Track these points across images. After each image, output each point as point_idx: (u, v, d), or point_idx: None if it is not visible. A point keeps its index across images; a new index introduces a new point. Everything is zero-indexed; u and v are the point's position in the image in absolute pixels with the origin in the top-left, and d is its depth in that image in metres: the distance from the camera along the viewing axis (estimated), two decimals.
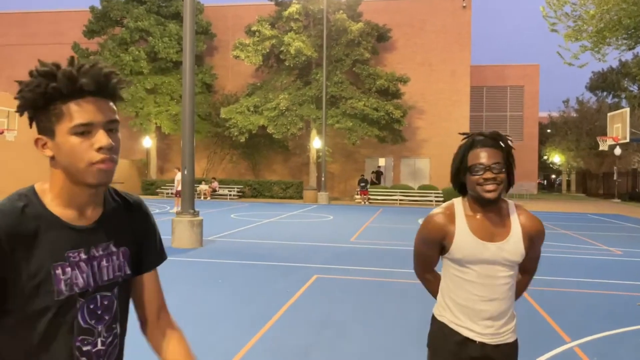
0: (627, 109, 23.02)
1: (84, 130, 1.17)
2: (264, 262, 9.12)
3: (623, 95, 50.04)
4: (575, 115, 47.49)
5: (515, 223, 2.05)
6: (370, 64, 31.47)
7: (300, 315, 5.84)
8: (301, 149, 33.57)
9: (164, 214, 18.60)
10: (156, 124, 32.33)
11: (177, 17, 31.71)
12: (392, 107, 29.39)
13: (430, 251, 2.15)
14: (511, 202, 2.10)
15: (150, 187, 32.23)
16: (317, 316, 5.81)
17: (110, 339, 1.30)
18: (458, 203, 2.10)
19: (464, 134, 2.10)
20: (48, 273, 1.17)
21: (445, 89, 33.71)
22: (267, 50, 30.15)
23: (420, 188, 29.98)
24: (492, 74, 44.56)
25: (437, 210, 2.11)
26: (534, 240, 2.07)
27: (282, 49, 29.32)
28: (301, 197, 29.91)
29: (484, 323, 2.04)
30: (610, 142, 23.94)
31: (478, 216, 2.04)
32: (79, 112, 1.17)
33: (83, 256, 1.23)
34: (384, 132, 29.74)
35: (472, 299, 2.04)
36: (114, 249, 1.31)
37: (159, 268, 1.49)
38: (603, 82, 52.71)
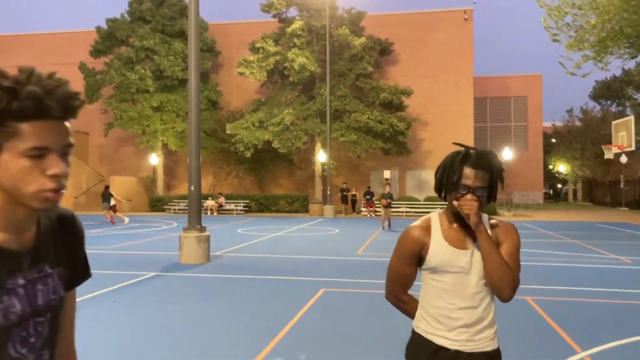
0: (632, 117, 23.05)
1: (39, 154, 1.07)
2: (271, 277, 9.15)
3: (627, 104, 49.96)
4: (579, 124, 47.49)
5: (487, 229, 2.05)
6: (374, 78, 31.65)
7: (308, 328, 5.86)
8: (306, 163, 33.67)
9: (171, 229, 18.67)
10: (163, 141, 32.55)
11: (182, 35, 32.05)
12: (396, 119, 29.51)
13: (408, 268, 2.13)
14: (484, 215, 2.10)
15: (158, 204, 32.34)
16: (325, 329, 5.83)
17: None
18: (435, 216, 2.12)
19: (458, 144, 2.11)
20: None
21: (449, 100, 33.82)
22: (271, 67, 30.40)
23: (426, 200, 29.97)
24: (495, 85, 44.68)
25: (414, 224, 2.13)
26: (502, 238, 2.05)
27: (286, 64, 29.55)
28: (307, 211, 29.94)
29: (457, 330, 2.04)
30: (615, 150, 23.92)
31: (454, 226, 2.07)
32: (36, 134, 1.07)
33: (20, 281, 1.14)
34: (388, 144, 29.83)
35: (446, 308, 2.04)
36: (49, 271, 1.22)
37: (168, 286, 1.47)
38: (607, 91, 52.67)
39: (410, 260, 2.12)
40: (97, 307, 6.78)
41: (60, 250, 1.27)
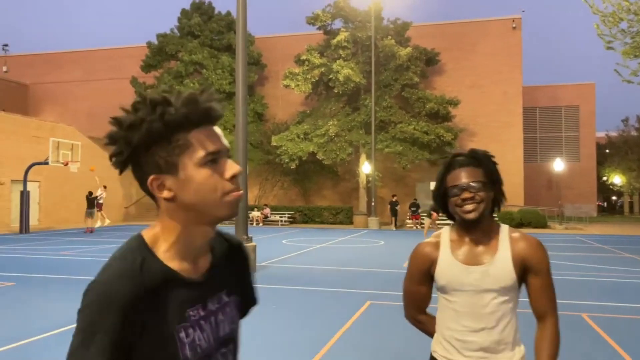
0: None
1: (213, 159, 1.04)
2: (316, 288, 9.13)
3: None
4: (635, 134, 45.67)
5: (504, 245, 1.89)
6: (420, 88, 31.39)
7: (355, 341, 5.80)
8: (350, 174, 33.62)
9: None
10: None
11: (229, 49, 32.72)
12: (443, 130, 29.13)
13: (420, 287, 2.03)
14: (504, 226, 1.96)
15: None
16: (372, 343, 5.76)
17: None
18: (446, 230, 2.00)
19: (442, 157, 1.98)
20: (172, 338, 1.03)
21: (497, 110, 33.17)
22: (316, 78, 30.59)
23: None
24: (545, 95, 43.56)
25: (426, 240, 2.02)
26: (530, 263, 1.87)
27: (330, 76, 29.69)
28: (351, 223, 29.83)
29: (474, 355, 1.88)
30: None
31: (464, 240, 1.93)
32: (207, 140, 1.05)
33: (202, 313, 1.10)
34: (435, 155, 29.45)
35: (460, 330, 1.90)
36: (226, 299, 1.18)
37: None
38: None
39: (422, 279, 2.01)
40: None
41: (233, 277, 1.23)
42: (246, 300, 1.31)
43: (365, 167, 30.09)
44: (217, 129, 1.08)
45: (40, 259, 12.95)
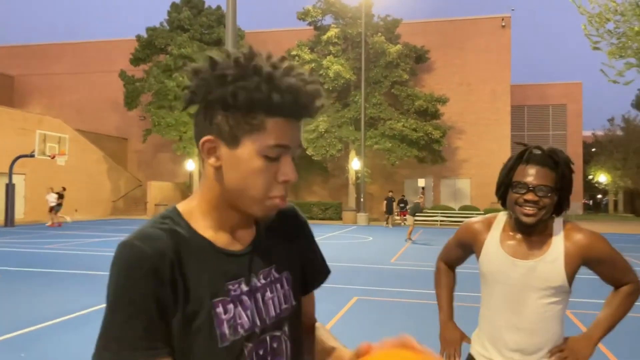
0: None
1: (277, 155, 0.94)
2: None
3: None
4: (621, 133, 46.17)
5: (558, 242, 1.78)
6: (409, 85, 31.52)
7: (342, 337, 5.83)
8: (340, 170, 33.69)
9: None
10: None
11: (219, 43, 32.58)
12: (431, 127, 29.32)
13: (455, 249, 2.06)
14: (559, 219, 1.83)
15: None
16: (359, 338, 5.81)
17: None
18: (502, 215, 1.90)
19: (520, 143, 1.85)
20: (208, 313, 0.93)
21: (485, 108, 33.38)
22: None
23: (461, 209, 29.58)
24: (533, 93, 43.88)
25: (478, 217, 1.98)
26: (592, 258, 1.79)
27: (321, 72, 29.70)
28: (340, 218, 29.92)
29: (512, 355, 1.78)
30: None
31: (516, 235, 1.82)
32: (280, 131, 0.93)
33: (244, 288, 0.99)
34: (423, 152, 29.62)
35: (498, 326, 1.80)
36: (276, 275, 1.06)
37: None
38: None
39: (459, 244, 2.04)
40: None
41: (285, 251, 1.10)
42: (311, 272, 1.17)
43: (355, 164, 30.17)
44: (299, 123, 0.98)
45: (25, 253, 12.87)
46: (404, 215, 28.12)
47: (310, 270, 1.17)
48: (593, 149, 50.56)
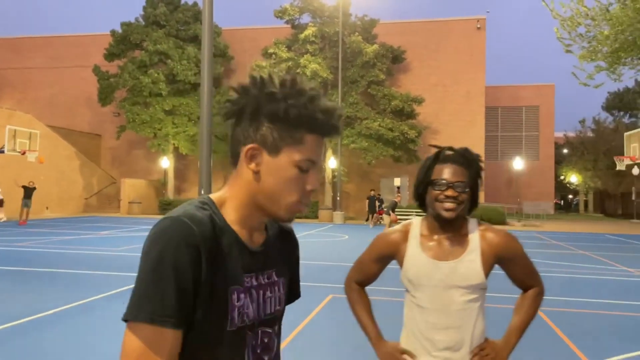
0: None
1: (308, 167, 1.08)
2: None
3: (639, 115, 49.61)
4: (591, 135, 47.19)
5: (474, 242, 1.88)
6: (385, 85, 31.71)
7: (317, 334, 5.89)
8: None
9: None
10: (174, 144, 32.76)
11: (195, 40, 32.32)
12: (407, 127, 29.57)
13: (372, 264, 2.05)
14: (473, 220, 1.94)
15: (168, 207, 32.50)
16: (333, 335, 5.86)
17: None
18: (416, 222, 1.99)
19: (434, 145, 1.99)
20: (226, 296, 1.05)
21: (460, 109, 33.79)
22: (284, 72, 30.47)
23: None
24: (506, 95, 44.55)
25: (394, 227, 2.01)
26: (505, 257, 1.90)
27: (298, 70, 29.69)
28: (316, 217, 29.97)
29: (441, 354, 1.85)
30: (627, 161, 23.74)
31: (434, 235, 1.91)
32: (314, 147, 1.09)
33: (254, 282, 1.11)
34: (399, 152, 29.86)
35: (427, 328, 1.87)
36: (276, 279, 1.18)
37: None
38: (619, 102, 52.40)
39: (377, 258, 2.03)
40: (111, 310, 6.85)
41: (283, 260, 1.24)
42: (289, 290, 1.29)
43: (331, 162, 30.25)
44: (324, 141, 1.13)
45: None
46: (380, 215, 28.33)
47: (289, 287, 1.29)
48: (565, 150, 51.57)
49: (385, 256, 2.01)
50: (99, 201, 33.87)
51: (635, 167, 26.47)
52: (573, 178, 50.81)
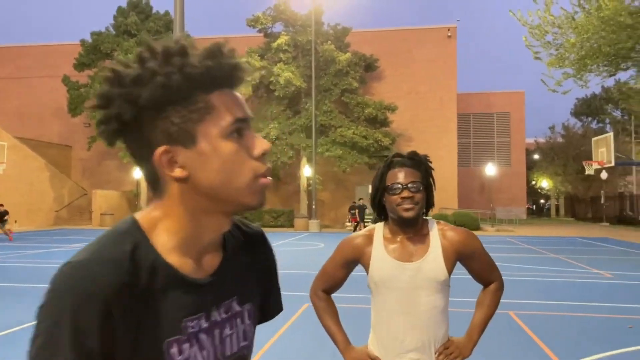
0: (611, 134, 23.46)
1: (239, 129, 0.84)
2: None
3: (607, 120, 50.93)
4: (561, 140, 48.18)
5: (435, 240, 1.94)
6: (359, 93, 31.89)
7: (292, 343, 5.83)
8: (292, 178, 33.67)
9: None
10: None
11: None
12: (381, 134, 29.79)
13: (337, 270, 2.06)
14: (432, 220, 2.01)
15: None
16: (309, 345, 5.81)
17: None
18: (379, 227, 2.03)
19: (384, 156, 2.06)
20: (160, 353, 0.81)
21: (433, 116, 34.15)
22: (257, 81, 30.49)
23: None
24: (478, 102, 45.22)
25: (357, 232, 2.05)
26: (465, 253, 1.96)
27: (271, 79, 29.67)
28: (292, 226, 29.87)
29: (409, 355, 1.89)
30: (596, 166, 24.27)
31: (397, 238, 1.96)
32: (231, 104, 0.84)
33: (204, 324, 0.86)
34: (373, 159, 30.01)
35: (396, 330, 1.91)
36: (237, 309, 0.94)
37: None
38: (587, 108, 53.70)
39: (343, 264, 2.04)
40: None
41: (250, 278, 0.99)
42: (267, 305, 1.07)
43: (306, 171, 30.24)
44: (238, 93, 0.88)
45: None
46: (355, 222, 28.39)
47: (266, 302, 1.07)
48: (535, 156, 52.52)
49: (351, 261, 2.04)
50: (69, 213, 33.20)
51: (604, 171, 27.06)
52: (544, 183, 51.75)
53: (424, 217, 1.99)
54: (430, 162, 2.00)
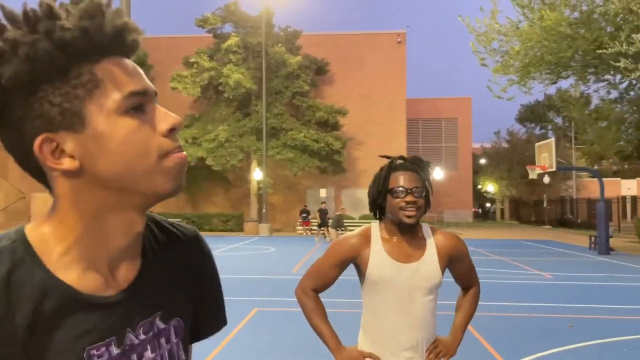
0: (553, 140, 24.26)
1: (139, 105, 0.68)
2: None
3: (549, 127, 52.98)
4: (506, 145, 49.67)
5: (431, 244, 2.00)
6: (310, 96, 31.89)
7: (241, 349, 5.68)
8: (242, 181, 33.30)
9: None
10: None
11: None
12: (332, 138, 29.85)
13: (331, 269, 2.04)
14: (425, 225, 2.07)
15: None
16: (258, 349, 5.67)
17: None
18: (375, 227, 2.05)
19: (384, 156, 2.10)
20: None
21: (383, 121, 34.54)
22: (206, 82, 30.02)
23: (361, 218, 30.27)
24: (427, 107, 46.09)
25: (352, 232, 2.06)
26: (455, 256, 2.04)
27: (220, 80, 29.28)
28: (242, 230, 29.52)
29: (404, 354, 1.94)
30: (538, 170, 25.08)
31: (394, 239, 1.99)
32: (125, 74, 0.69)
33: (114, 351, 0.70)
34: (324, 163, 30.05)
35: (392, 329, 1.94)
36: (161, 326, 0.77)
37: None
38: (531, 114, 55.69)
39: (338, 263, 2.03)
40: None
41: (177, 289, 0.82)
42: (203, 319, 0.88)
43: (257, 174, 29.97)
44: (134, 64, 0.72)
45: None
46: (307, 225, 28.32)
47: (204, 315, 0.88)
48: (482, 160, 53.98)
49: (346, 261, 2.04)
50: (5, 218, 31.70)
51: (546, 175, 28.04)
52: (490, 187, 53.23)
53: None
54: (432, 168, 2.08)
